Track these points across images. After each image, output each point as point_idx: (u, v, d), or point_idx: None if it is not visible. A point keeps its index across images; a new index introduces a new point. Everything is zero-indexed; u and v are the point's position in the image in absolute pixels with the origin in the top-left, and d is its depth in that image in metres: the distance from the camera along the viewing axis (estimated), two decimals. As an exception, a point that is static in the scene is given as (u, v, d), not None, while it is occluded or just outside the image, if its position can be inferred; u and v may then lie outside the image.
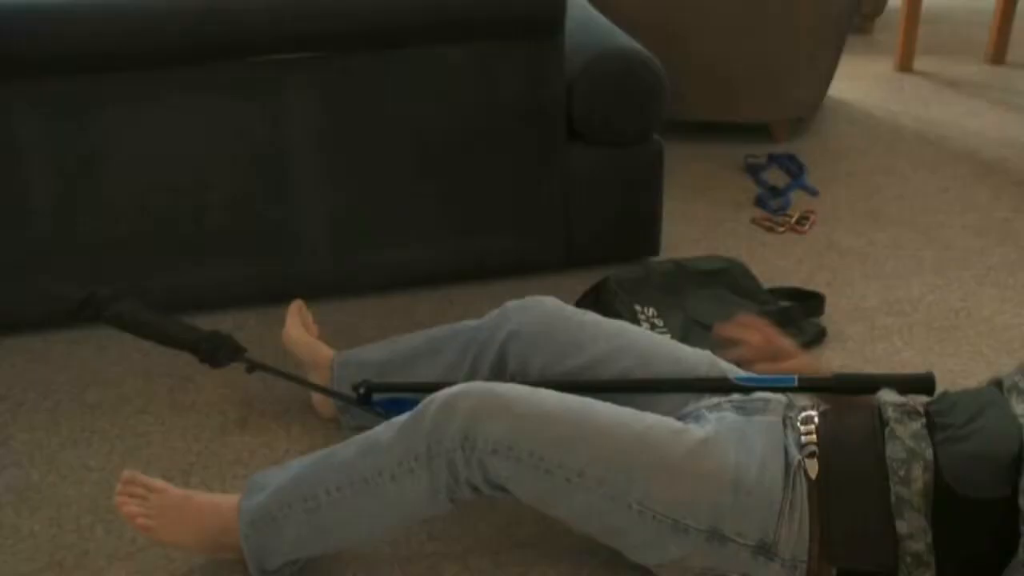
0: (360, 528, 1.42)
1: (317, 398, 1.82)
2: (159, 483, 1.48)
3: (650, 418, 1.37)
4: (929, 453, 1.28)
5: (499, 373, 1.63)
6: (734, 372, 1.53)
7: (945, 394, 1.45)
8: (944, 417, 1.33)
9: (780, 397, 1.47)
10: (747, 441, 1.35)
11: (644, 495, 1.30)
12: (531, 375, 1.59)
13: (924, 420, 1.33)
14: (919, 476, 1.27)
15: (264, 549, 1.42)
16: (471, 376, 1.65)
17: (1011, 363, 1.99)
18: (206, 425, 1.83)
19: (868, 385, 1.44)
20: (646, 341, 1.60)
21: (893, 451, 1.28)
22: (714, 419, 1.41)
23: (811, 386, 1.47)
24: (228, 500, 1.46)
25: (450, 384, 1.50)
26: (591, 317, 1.64)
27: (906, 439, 1.30)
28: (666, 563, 1.35)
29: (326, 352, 1.81)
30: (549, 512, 1.38)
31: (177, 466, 1.73)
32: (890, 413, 1.33)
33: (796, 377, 1.46)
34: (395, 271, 2.21)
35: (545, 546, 1.52)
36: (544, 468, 1.30)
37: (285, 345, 1.84)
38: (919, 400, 1.39)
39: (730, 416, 1.41)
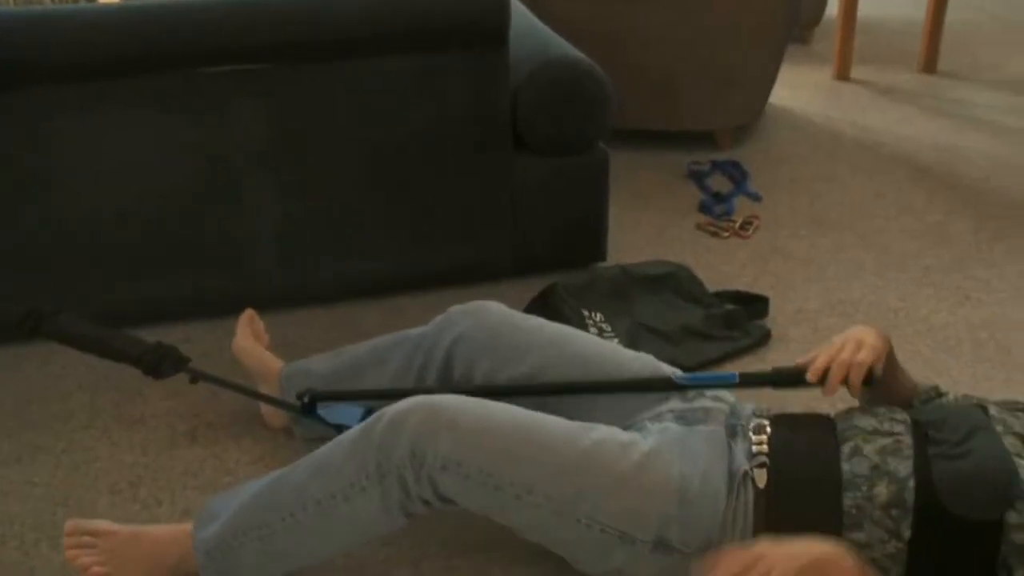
0: (317, 549, 1.42)
1: (266, 409, 1.81)
2: (103, 525, 1.46)
3: (597, 432, 1.38)
4: (900, 467, 1.31)
5: (446, 379, 1.64)
6: (677, 373, 1.55)
7: (933, 402, 1.49)
8: (939, 432, 1.36)
9: (722, 406, 1.49)
10: (690, 451, 1.38)
11: (592, 509, 1.32)
12: (476, 380, 1.60)
13: (899, 436, 1.35)
14: (883, 491, 1.29)
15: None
16: (419, 382, 1.65)
17: (948, 361, 2.05)
18: (154, 438, 1.81)
19: (801, 380, 1.45)
20: (590, 346, 1.62)
21: (857, 467, 1.31)
22: (656, 431, 1.43)
23: (752, 382, 1.50)
24: (180, 530, 1.45)
25: (395, 392, 1.51)
26: (536, 322, 1.65)
27: (872, 456, 1.33)
28: (612, 572, 1.37)
29: (275, 363, 1.80)
30: (498, 521, 1.39)
31: (125, 479, 1.71)
32: (855, 432, 1.36)
33: (738, 374, 1.50)
34: (343, 281, 2.21)
35: (498, 550, 1.53)
36: (493, 484, 1.31)
37: (235, 356, 1.83)
38: (898, 416, 1.41)
39: (672, 427, 1.43)
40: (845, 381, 1.42)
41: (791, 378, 1.47)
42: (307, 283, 2.19)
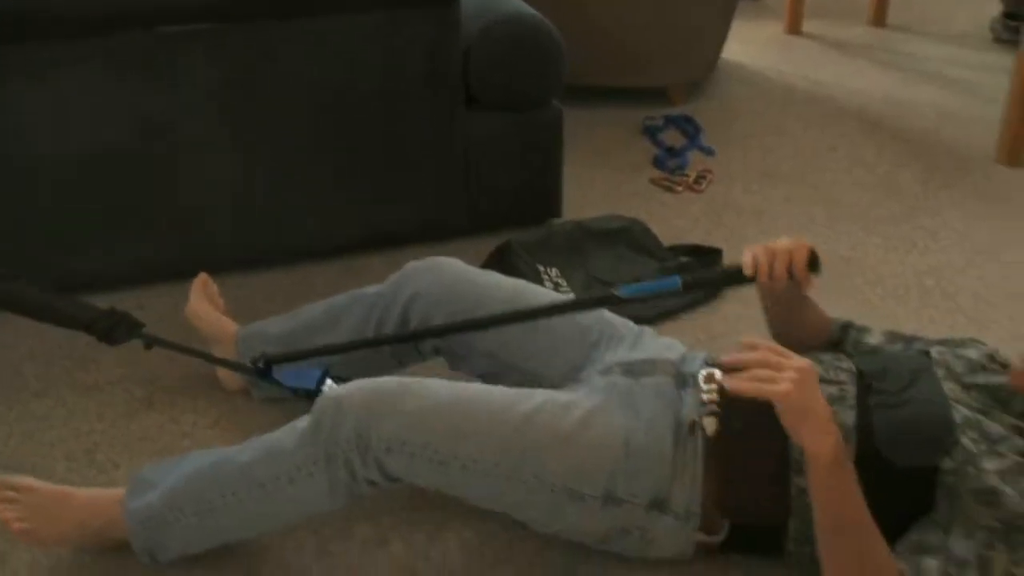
0: (257, 526, 1.43)
1: (222, 372, 1.81)
2: (27, 481, 1.45)
3: (539, 396, 1.40)
4: (846, 416, 1.33)
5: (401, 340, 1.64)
6: (620, 290, 1.50)
7: (876, 353, 1.51)
8: (880, 382, 1.38)
9: (670, 356, 1.50)
10: (635, 404, 1.40)
11: (539, 470, 1.33)
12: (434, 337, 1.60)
13: (843, 386, 1.38)
14: None
15: (155, 545, 1.42)
16: (373, 348, 1.64)
17: (896, 308, 2.09)
18: (110, 404, 1.80)
19: (743, 276, 1.42)
20: (544, 300, 1.63)
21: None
22: (603, 385, 1.45)
23: (695, 285, 1.47)
24: (110, 495, 1.45)
25: (352, 345, 1.51)
26: (492, 277, 1.66)
27: None
28: (565, 529, 1.40)
29: (230, 327, 1.79)
30: (449, 493, 1.40)
31: (81, 446, 1.70)
32: None
33: (679, 278, 1.46)
34: (298, 243, 2.20)
35: (457, 505, 1.53)
36: (439, 460, 1.32)
37: (189, 320, 1.82)
38: (843, 364, 1.43)
39: (619, 380, 1.45)
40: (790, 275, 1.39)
41: (733, 277, 1.44)
42: (261, 245, 2.18)
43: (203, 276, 1.86)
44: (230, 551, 1.46)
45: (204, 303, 1.83)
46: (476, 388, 1.41)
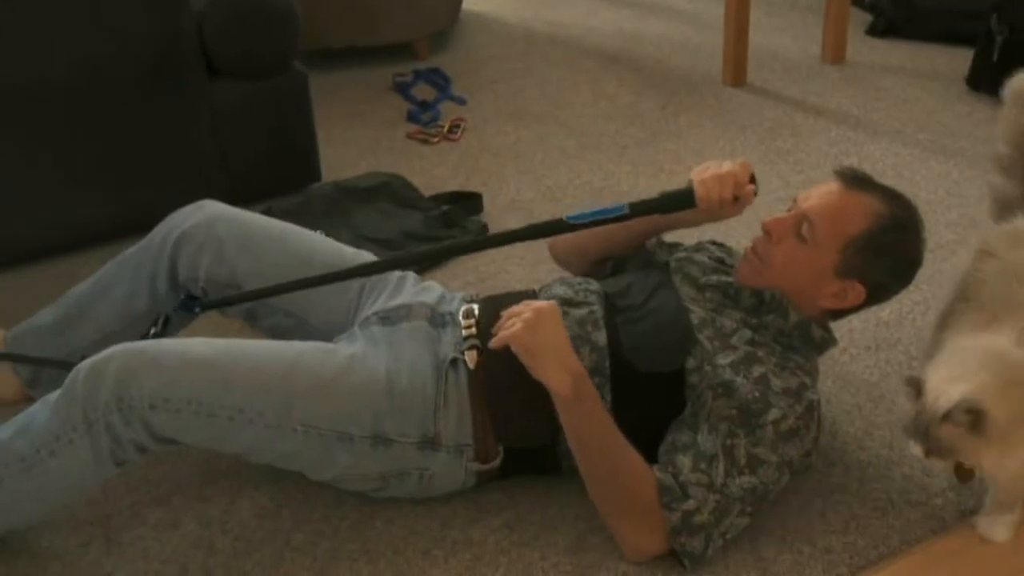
0: (27, 508, 1.37)
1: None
2: None
3: (299, 345, 1.42)
4: (598, 337, 1.42)
5: (174, 284, 1.61)
6: (568, 214, 1.50)
7: (621, 274, 1.61)
8: (623, 299, 1.48)
9: (425, 299, 1.55)
10: (395, 348, 1.44)
11: (305, 416, 1.35)
12: (200, 277, 1.58)
13: (592, 307, 1.46)
14: (587, 356, 1.41)
15: None
16: (152, 296, 1.61)
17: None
18: None
19: (690, 200, 1.46)
20: (307, 238, 1.64)
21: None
22: (363, 336, 1.48)
23: (642, 210, 1.48)
24: None
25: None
26: (256, 217, 1.65)
27: (573, 325, 1.43)
28: (342, 474, 1.42)
29: (-6, 334, 1.69)
30: (223, 451, 1.40)
31: None
32: (559, 303, 1.44)
33: (627, 204, 1.47)
34: (46, 239, 2.09)
35: (246, 473, 1.54)
36: (205, 413, 1.32)
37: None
38: (592, 287, 1.52)
39: (377, 329, 1.49)
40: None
41: (680, 200, 1.46)
42: (18, 243, 2.05)
43: None
44: (11, 567, 1.40)
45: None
46: (237, 342, 1.42)
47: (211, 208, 1.63)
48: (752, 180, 1.48)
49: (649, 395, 1.41)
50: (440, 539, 1.43)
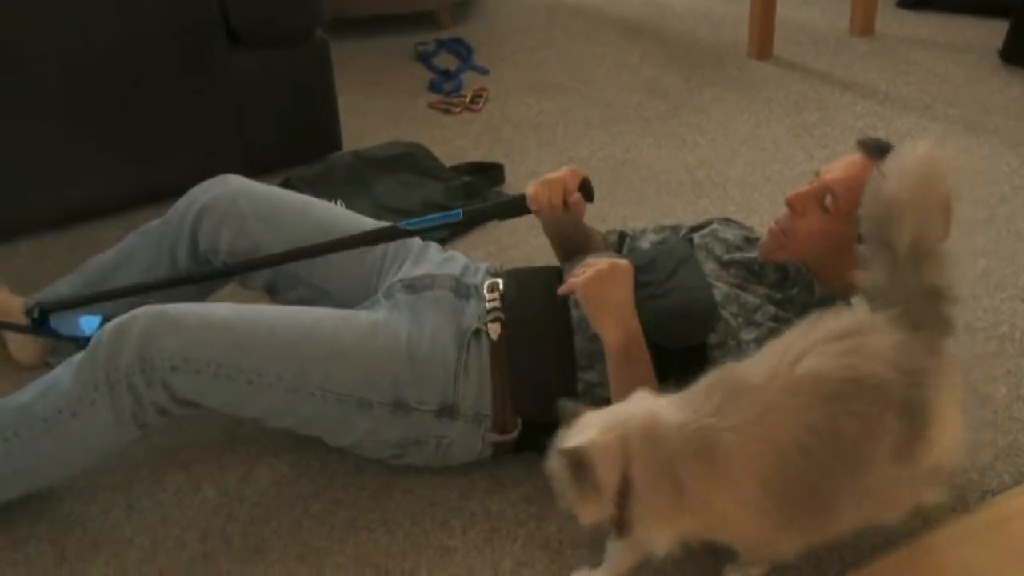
0: (48, 470, 1.38)
1: (15, 347, 1.71)
2: None
3: (320, 311, 1.42)
4: None
5: (194, 255, 1.62)
6: (402, 222, 1.56)
7: (641, 251, 1.59)
8: (646, 275, 1.46)
9: (450, 270, 1.54)
10: (418, 317, 1.44)
11: (324, 380, 1.35)
12: (222, 250, 1.59)
13: None
14: None
15: None
16: (171, 265, 1.62)
17: (672, 202, 2.21)
18: None
19: (523, 207, 1.51)
20: (327, 211, 1.64)
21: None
22: (387, 303, 1.48)
23: (476, 217, 1.58)
24: None
25: (130, 289, 1.49)
26: (276, 191, 1.65)
27: None
28: (360, 441, 1.42)
29: (14, 301, 1.69)
30: (243, 415, 1.40)
31: None
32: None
33: (461, 210, 1.54)
34: (68, 207, 2.09)
35: (265, 440, 1.54)
36: (225, 375, 1.32)
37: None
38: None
39: (401, 296, 1.49)
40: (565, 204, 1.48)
41: (513, 207, 1.53)
42: (23, 214, 2.06)
43: None
44: (32, 531, 1.41)
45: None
46: (260, 307, 1.42)
47: (233, 182, 1.63)
48: (583, 188, 1.50)
49: (671, 370, 1.40)
50: (458, 510, 1.43)
